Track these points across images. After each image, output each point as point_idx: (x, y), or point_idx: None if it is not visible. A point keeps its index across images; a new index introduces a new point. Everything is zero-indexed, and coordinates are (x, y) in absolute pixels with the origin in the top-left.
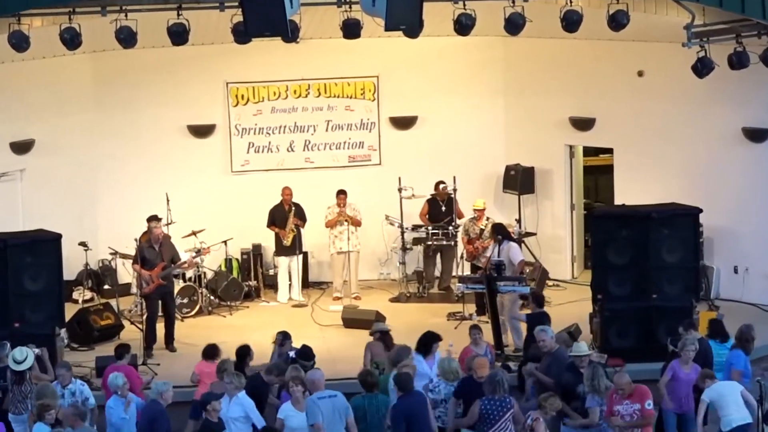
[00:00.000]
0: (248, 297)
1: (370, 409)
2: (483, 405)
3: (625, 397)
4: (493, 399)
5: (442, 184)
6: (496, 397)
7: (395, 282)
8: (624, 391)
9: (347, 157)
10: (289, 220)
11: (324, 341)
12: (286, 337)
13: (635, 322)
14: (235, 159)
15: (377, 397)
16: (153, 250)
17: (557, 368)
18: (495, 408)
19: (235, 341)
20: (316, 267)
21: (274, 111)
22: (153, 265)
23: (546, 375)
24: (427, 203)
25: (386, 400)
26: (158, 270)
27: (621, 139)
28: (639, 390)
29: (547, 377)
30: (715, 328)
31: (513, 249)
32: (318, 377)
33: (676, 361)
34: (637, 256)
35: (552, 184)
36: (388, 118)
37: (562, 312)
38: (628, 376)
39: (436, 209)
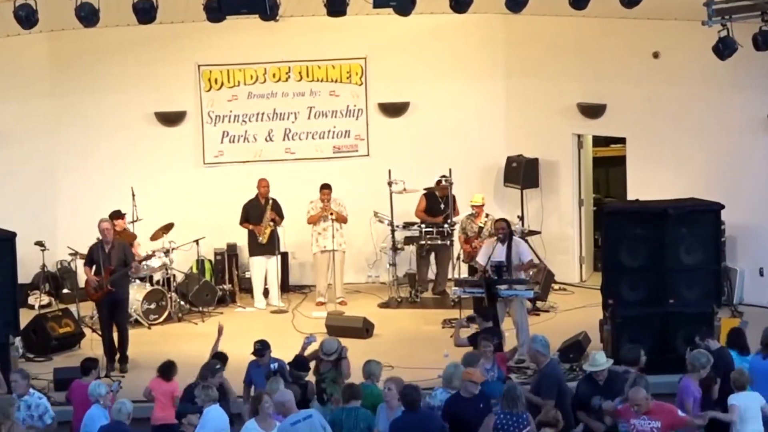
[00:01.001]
0: (222, 302)
1: (347, 423)
2: (499, 420)
3: (641, 412)
4: (510, 414)
5: (444, 179)
6: (513, 412)
7: (385, 285)
8: (640, 407)
9: (332, 148)
10: (266, 214)
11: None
12: (265, 347)
13: (650, 330)
14: (208, 149)
15: (357, 411)
16: (103, 252)
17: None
18: (511, 424)
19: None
20: (297, 268)
21: (250, 96)
22: (101, 269)
23: (536, 394)
24: (424, 198)
25: (366, 414)
26: (107, 275)
27: (634, 128)
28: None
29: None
30: (734, 338)
31: (522, 247)
32: (287, 399)
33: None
34: (652, 257)
35: (558, 178)
36: (376, 104)
37: (569, 319)
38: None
39: (434, 205)
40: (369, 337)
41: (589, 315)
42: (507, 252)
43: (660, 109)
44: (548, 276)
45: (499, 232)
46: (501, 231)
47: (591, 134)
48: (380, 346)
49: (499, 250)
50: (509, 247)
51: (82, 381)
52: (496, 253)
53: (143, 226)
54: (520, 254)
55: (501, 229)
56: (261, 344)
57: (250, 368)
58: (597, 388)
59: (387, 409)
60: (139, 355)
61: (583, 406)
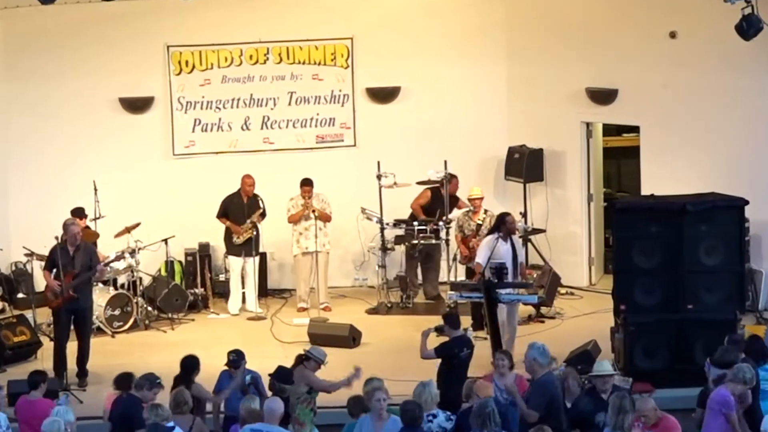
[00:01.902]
0: (194, 308)
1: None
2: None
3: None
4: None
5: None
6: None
7: (373, 290)
8: (648, 419)
9: (315, 137)
10: (253, 217)
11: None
12: (240, 358)
13: (666, 338)
14: (178, 139)
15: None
16: (67, 254)
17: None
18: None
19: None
20: (277, 271)
21: (225, 81)
22: (65, 272)
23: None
24: (430, 192)
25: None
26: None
27: (648, 115)
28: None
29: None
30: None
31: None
32: (276, 407)
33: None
34: (669, 258)
35: (565, 170)
36: (364, 89)
37: (576, 326)
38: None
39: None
40: (356, 347)
41: (598, 322)
42: (512, 251)
43: (677, 95)
44: (554, 279)
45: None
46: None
47: (601, 122)
48: (368, 356)
49: (502, 248)
50: (513, 245)
51: (29, 397)
52: (500, 251)
53: (106, 223)
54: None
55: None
56: (236, 354)
57: (222, 380)
58: (600, 404)
59: (374, 421)
60: (102, 367)
61: (582, 425)
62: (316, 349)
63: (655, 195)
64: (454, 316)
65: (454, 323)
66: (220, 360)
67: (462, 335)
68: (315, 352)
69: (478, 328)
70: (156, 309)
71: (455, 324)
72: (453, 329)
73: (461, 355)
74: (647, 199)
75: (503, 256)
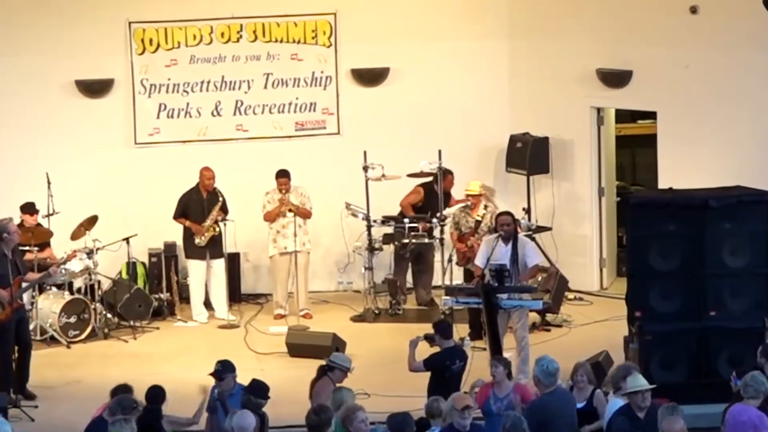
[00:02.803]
0: (158, 315)
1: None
2: None
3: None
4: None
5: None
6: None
7: (359, 294)
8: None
9: (293, 124)
10: (212, 213)
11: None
12: (226, 369)
13: (686, 349)
14: (141, 126)
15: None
16: (5, 259)
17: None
18: None
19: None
20: (251, 274)
21: (193, 61)
22: (8, 281)
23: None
24: (422, 191)
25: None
26: (17, 287)
27: (667, 100)
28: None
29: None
30: None
31: (529, 247)
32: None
33: None
34: (689, 260)
35: (573, 161)
36: (349, 70)
37: (586, 335)
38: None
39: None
40: None
41: (611, 330)
42: (512, 253)
43: (699, 77)
44: (561, 283)
45: (503, 227)
46: (505, 227)
47: (613, 108)
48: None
49: (501, 250)
50: (514, 247)
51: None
52: (497, 254)
53: (61, 220)
54: (525, 257)
55: (505, 225)
56: (221, 365)
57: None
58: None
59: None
60: (56, 380)
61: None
62: (338, 357)
63: (673, 189)
64: (446, 325)
65: (445, 332)
66: (188, 373)
67: (454, 346)
68: (338, 360)
69: (477, 337)
70: (116, 316)
71: (447, 333)
72: (444, 339)
73: (453, 368)
74: (665, 194)
75: (500, 259)
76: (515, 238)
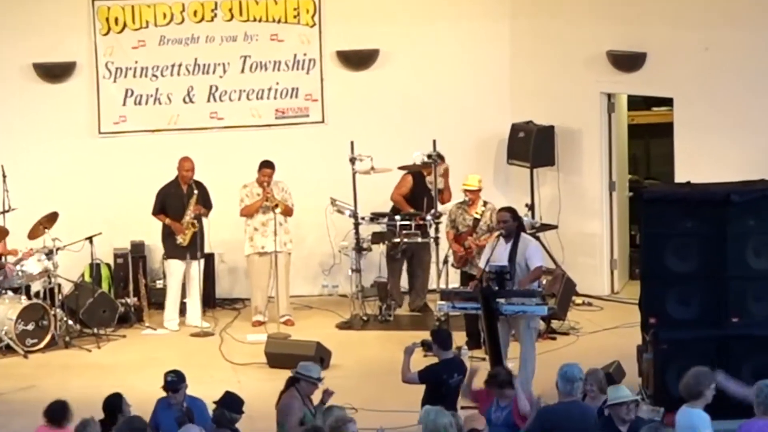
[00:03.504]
0: (125, 321)
1: None
2: None
3: None
4: None
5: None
6: None
7: (346, 299)
8: None
9: (273, 112)
10: (189, 208)
11: (239, 387)
12: (180, 380)
13: (706, 358)
14: (106, 114)
15: None
16: None
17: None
18: None
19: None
20: (227, 276)
21: (163, 42)
22: None
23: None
24: (411, 179)
25: None
26: None
27: (684, 85)
28: None
29: None
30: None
31: (532, 247)
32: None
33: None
34: (710, 260)
35: (581, 152)
36: (335, 52)
37: (595, 344)
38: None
39: (422, 190)
40: (324, 369)
41: (622, 339)
42: (510, 252)
43: (720, 60)
44: (568, 286)
45: (500, 225)
46: (501, 224)
47: (626, 93)
48: (339, 380)
49: (500, 249)
50: (514, 246)
51: None
52: (496, 253)
53: (17, 218)
54: (527, 258)
55: (501, 222)
56: (175, 375)
57: (159, 409)
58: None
59: None
60: (11, 393)
61: None
62: (306, 367)
63: (691, 182)
64: (445, 334)
65: (444, 342)
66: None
67: (453, 358)
68: (304, 370)
69: (475, 347)
70: (78, 323)
71: (445, 343)
72: (443, 349)
73: (450, 382)
74: (682, 188)
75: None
76: (517, 236)
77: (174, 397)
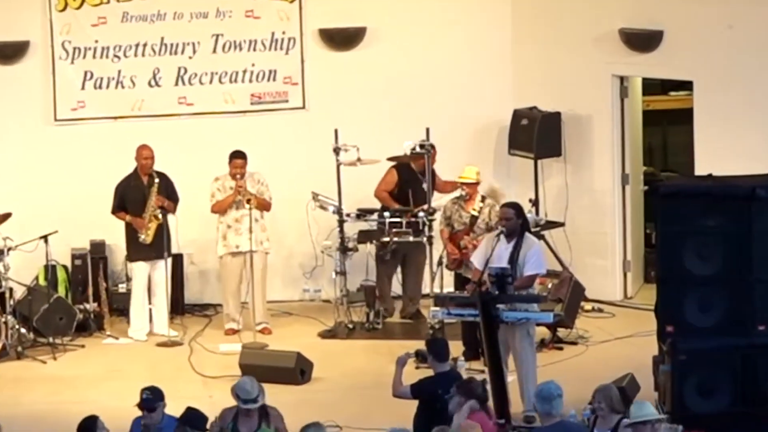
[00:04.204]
0: (83, 329)
1: None
2: None
3: None
4: None
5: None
6: None
7: (329, 305)
8: None
9: (249, 97)
10: (150, 200)
11: (210, 404)
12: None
13: (729, 371)
14: (63, 99)
15: None
16: None
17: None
18: None
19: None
20: (197, 279)
21: (126, 19)
22: None
23: None
24: (395, 171)
25: None
26: None
27: (706, 67)
28: None
29: None
30: None
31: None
32: None
33: None
34: (733, 262)
35: (590, 142)
36: (317, 30)
37: (606, 355)
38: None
39: (410, 185)
40: (305, 383)
41: (637, 349)
42: (512, 253)
43: (744, 39)
44: (576, 291)
45: (502, 222)
46: (503, 221)
47: (640, 76)
48: (322, 395)
49: (501, 249)
50: (517, 246)
51: None
52: (496, 254)
53: None
54: (525, 261)
55: (504, 219)
56: (151, 392)
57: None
58: None
59: None
60: None
61: None
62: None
63: (713, 175)
64: (442, 344)
65: (440, 353)
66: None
67: (449, 371)
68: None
69: (473, 357)
70: (32, 331)
71: (442, 354)
72: (438, 361)
73: (446, 397)
74: (703, 181)
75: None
76: (520, 235)
77: (150, 417)
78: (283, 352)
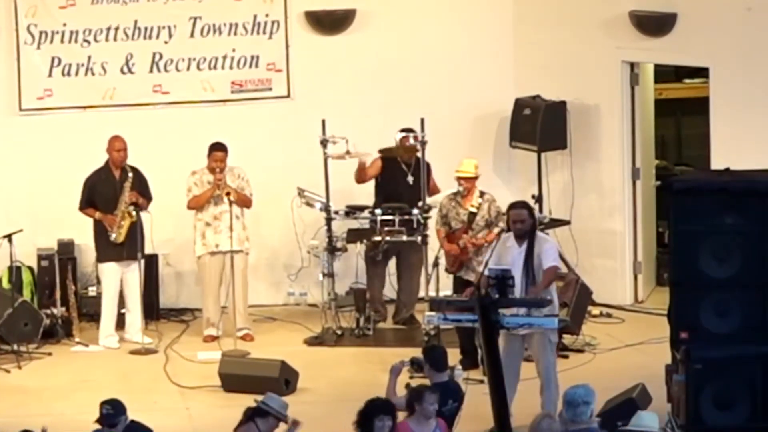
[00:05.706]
0: (50, 336)
1: None
2: None
3: None
4: None
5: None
6: None
7: (315, 309)
8: None
9: (229, 85)
10: (123, 195)
11: (188, 417)
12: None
13: (748, 381)
14: (28, 87)
15: None
16: None
17: None
18: None
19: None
20: (174, 282)
21: (96, 1)
22: None
23: None
24: (381, 162)
25: None
26: None
27: (723, 53)
28: None
29: None
30: None
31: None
32: None
33: None
34: (753, 263)
35: (599, 134)
36: (303, 13)
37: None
38: None
39: (394, 176)
40: (290, 393)
41: (648, 357)
42: (526, 256)
43: (764, 22)
44: (582, 294)
45: (516, 225)
46: (518, 224)
47: (652, 62)
48: (308, 407)
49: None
50: (530, 248)
51: None
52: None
53: None
54: (541, 257)
55: (518, 222)
56: (111, 406)
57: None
58: None
59: None
60: None
61: None
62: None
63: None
64: (440, 353)
65: (438, 362)
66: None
67: (447, 382)
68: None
69: (472, 366)
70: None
71: (440, 364)
72: (436, 371)
73: (443, 409)
74: (720, 176)
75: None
76: (532, 236)
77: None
78: (266, 360)
